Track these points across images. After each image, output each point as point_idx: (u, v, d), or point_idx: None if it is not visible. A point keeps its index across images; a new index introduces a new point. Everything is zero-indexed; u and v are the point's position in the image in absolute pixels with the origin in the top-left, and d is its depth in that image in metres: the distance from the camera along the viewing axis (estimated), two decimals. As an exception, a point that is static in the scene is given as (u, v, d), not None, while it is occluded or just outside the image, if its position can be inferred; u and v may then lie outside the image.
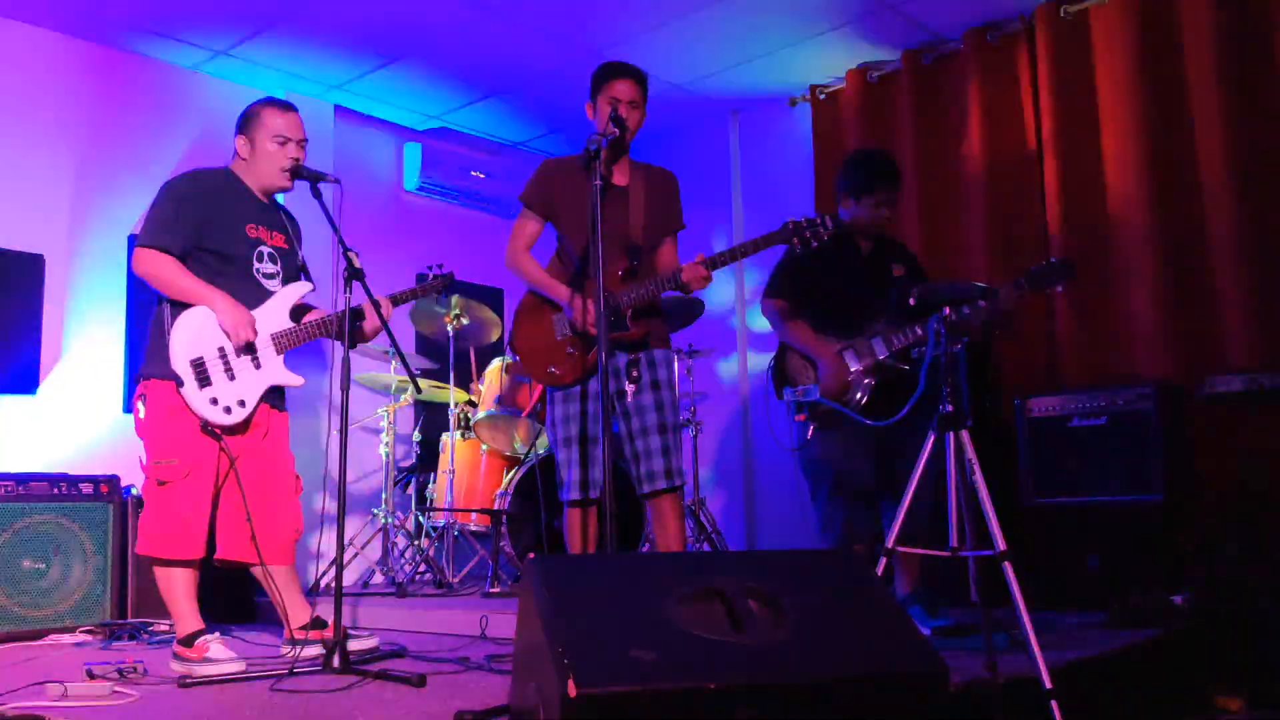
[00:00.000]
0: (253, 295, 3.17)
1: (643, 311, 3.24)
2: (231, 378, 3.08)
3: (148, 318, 3.26)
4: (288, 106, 3.27)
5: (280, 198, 3.37)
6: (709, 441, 5.81)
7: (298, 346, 3.22)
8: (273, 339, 3.17)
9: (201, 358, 3.05)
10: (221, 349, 3.08)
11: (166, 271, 3.07)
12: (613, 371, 3.20)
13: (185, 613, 3.06)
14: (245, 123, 3.25)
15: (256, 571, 3.22)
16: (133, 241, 5.00)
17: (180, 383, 3.01)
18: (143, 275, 3.12)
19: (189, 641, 3.00)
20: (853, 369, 3.47)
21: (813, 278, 3.63)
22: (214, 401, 3.05)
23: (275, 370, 3.18)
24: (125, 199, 5.03)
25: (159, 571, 3.09)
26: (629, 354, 3.23)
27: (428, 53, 5.32)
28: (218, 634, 3.06)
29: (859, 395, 3.47)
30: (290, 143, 3.21)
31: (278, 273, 3.26)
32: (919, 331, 3.35)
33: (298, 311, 3.28)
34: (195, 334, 3.06)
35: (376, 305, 3.14)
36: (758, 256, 3.32)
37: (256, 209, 3.25)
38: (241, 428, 3.14)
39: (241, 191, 3.23)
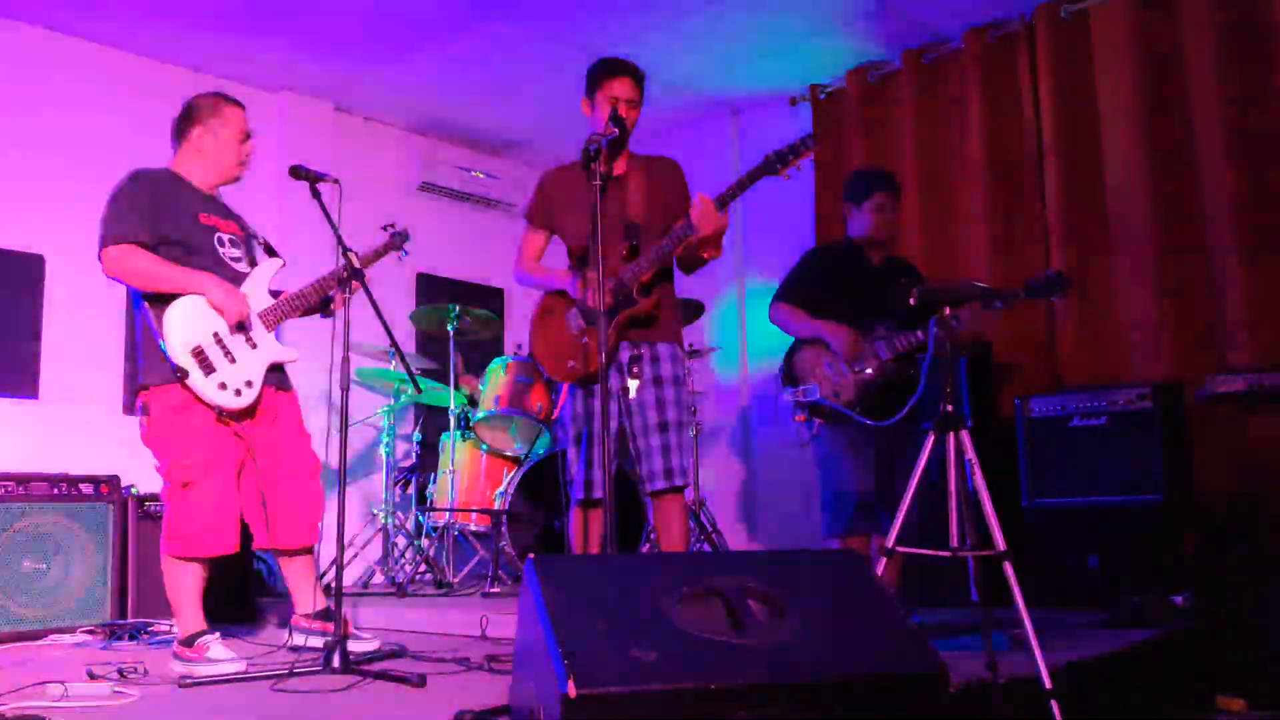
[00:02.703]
0: (227, 279, 3.15)
1: (651, 285, 3.19)
2: (233, 360, 3.08)
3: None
4: (241, 103, 3.31)
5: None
6: (709, 441, 5.81)
7: (285, 321, 3.24)
8: (260, 317, 3.18)
9: (200, 345, 3.02)
10: (216, 334, 3.06)
11: (143, 263, 3.03)
12: (617, 369, 3.19)
13: (190, 612, 3.05)
14: (202, 113, 3.24)
15: (281, 558, 3.24)
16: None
17: (185, 374, 2.98)
18: (118, 274, 3.06)
19: (190, 641, 2.99)
20: (865, 354, 3.57)
21: (824, 286, 3.75)
22: (222, 386, 3.04)
23: (271, 347, 3.19)
24: (125, 199, 5.02)
25: (171, 569, 3.07)
26: (633, 348, 3.20)
27: (428, 52, 5.32)
28: (218, 634, 3.05)
29: (865, 373, 3.55)
30: (249, 138, 3.28)
31: (243, 256, 3.26)
32: (920, 335, 3.40)
33: (273, 292, 3.30)
34: (187, 323, 3.02)
35: (358, 274, 3.10)
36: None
37: (202, 200, 3.25)
38: (251, 412, 3.14)
39: (184, 185, 3.23)
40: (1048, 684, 2.42)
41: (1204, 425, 4.19)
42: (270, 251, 3.39)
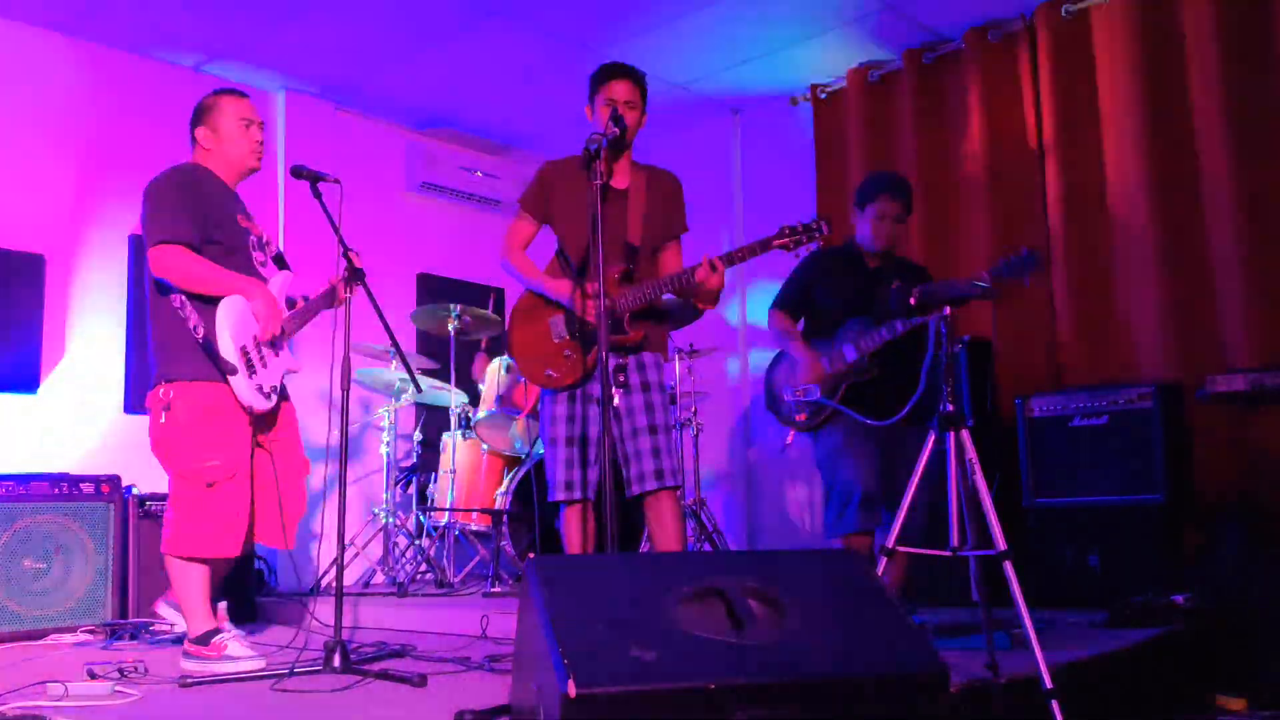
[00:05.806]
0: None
1: (641, 315, 3.24)
2: (265, 365, 3.11)
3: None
4: (243, 94, 3.29)
5: None
6: (709, 441, 5.81)
7: (297, 332, 3.29)
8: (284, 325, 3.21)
9: (245, 345, 3.04)
10: (255, 337, 3.09)
11: (194, 266, 3.00)
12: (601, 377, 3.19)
13: (201, 611, 3.05)
14: (204, 113, 3.23)
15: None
16: (134, 241, 5.01)
17: (233, 371, 2.97)
18: (165, 273, 3.00)
19: (205, 640, 2.98)
20: (827, 372, 3.62)
21: (815, 289, 3.79)
22: (260, 389, 3.07)
23: (286, 356, 3.23)
24: (126, 199, 5.02)
25: (181, 568, 3.05)
26: (619, 358, 3.22)
27: (428, 52, 5.32)
28: (235, 631, 3.06)
29: (830, 373, 3.62)
30: (254, 124, 3.24)
31: (267, 260, 3.29)
32: (885, 334, 3.46)
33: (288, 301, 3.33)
34: (238, 322, 3.03)
35: (358, 273, 3.09)
36: (768, 262, 3.36)
37: (235, 200, 3.24)
38: (274, 418, 3.19)
39: (218, 183, 3.21)
40: (1048, 684, 2.42)
41: (1204, 425, 4.19)
42: (281, 262, 3.39)
